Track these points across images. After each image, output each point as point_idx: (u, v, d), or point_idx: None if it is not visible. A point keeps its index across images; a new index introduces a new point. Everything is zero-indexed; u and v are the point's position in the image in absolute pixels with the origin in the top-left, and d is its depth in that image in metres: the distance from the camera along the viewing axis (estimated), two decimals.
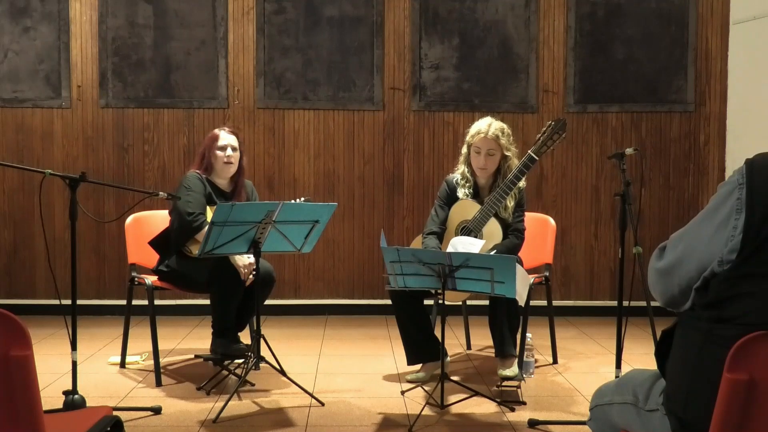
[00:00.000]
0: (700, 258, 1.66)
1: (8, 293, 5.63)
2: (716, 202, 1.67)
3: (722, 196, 1.66)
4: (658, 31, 5.77)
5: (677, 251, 1.72)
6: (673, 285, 1.73)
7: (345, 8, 5.69)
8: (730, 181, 1.66)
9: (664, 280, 1.75)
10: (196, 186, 3.98)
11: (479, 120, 4.00)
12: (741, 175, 1.63)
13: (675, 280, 1.72)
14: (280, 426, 3.31)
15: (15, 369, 1.64)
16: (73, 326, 3.25)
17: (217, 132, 4.11)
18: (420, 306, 3.92)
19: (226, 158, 4.04)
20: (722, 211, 1.64)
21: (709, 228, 1.66)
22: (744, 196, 1.60)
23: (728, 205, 1.63)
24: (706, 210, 1.70)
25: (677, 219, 5.77)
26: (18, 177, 5.60)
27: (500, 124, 3.96)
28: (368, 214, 5.78)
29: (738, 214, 1.60)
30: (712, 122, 5.81)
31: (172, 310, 5.51)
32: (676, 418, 1.72)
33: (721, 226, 1.63)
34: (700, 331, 1.66)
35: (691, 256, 1.68)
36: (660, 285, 1.77)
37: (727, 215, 1.62)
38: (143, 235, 4.15)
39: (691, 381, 1.67)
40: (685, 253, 1.70)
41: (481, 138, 3.88)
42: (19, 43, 5.59)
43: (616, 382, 2.06)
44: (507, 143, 3.93)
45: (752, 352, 1.51)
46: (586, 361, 4.49)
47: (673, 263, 1.73)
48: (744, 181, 1.62)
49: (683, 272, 1.70)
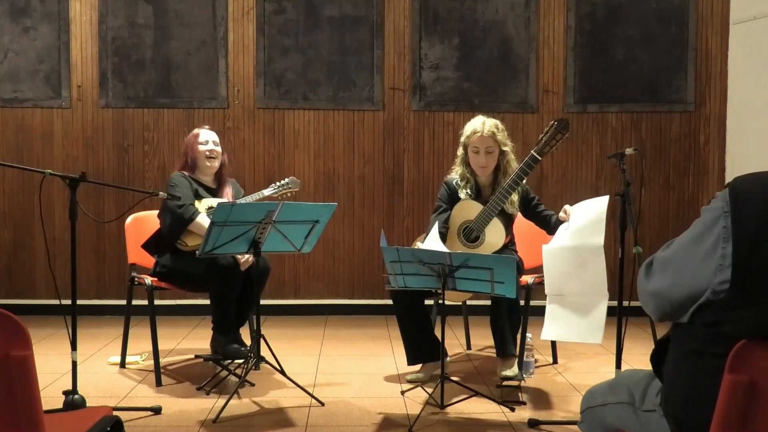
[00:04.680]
0: (689, 285, 1.65)
1: (8, 293, 5.63)
2: (701, 228, 1.65)
3: (708, 222, 1.64)
4: (658, 31, 5.77)
5: (666, 276, 1.72)
6: (665, 305, 1.73)
7: (345, 8, 5.69)
8: (714, 207, 1.64)
9: (654, 300, 1.75)
10: (181, 183, 4.07)
11: (471, 120, 4.01)
12: (725, 203, 1.61)
13: (666, 302, 1.72)
14: (280, 426, 3.31)
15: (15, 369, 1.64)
16: (73, 326, 3.25)
17: (197, 130, 4.22)
18: (421, 306, 3.92)
19: (208, 152, 4.14)
20: (708, 239, 1.62)
21: (696, 255, 1.64)
22: (730, 224, 1.58)
23: (714, 233, 1.61)
24: (692, 235, 1.68)
25: (677, 219, 5.78)
26: (18, 177, 5.60)
27: (493, 120, 3.97)
28: (368, 214, 5.78)
29: (725, 242, 1.58)
30: (712, 122, 5.81)
31: (172, 310, 5.51)
32: (674, 420, 1.72)
33: (708, 254, 1.61)
34: (697, 339, 1.66)
35: (680, 283, 1.67)
36: (651, 304, 1.77)
37: (714, 243, 1.60)
38: (143, 235, 4.15)
39: (690, 385, 1.67)
40: (674, 280, 1.69)
41: (478, 137, 3.89)
42: (19, 43, 5.59)
43: (608, 383, 2.06)
44: (503, 138, 3.94)
45: (753, 353, 1.51)
46: (586, 361, 4.49)
47: (663, 288, 1.72)
48: (729, 209, 1.59)
49: (674, 297, 1.69)
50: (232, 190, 4.23)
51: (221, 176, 4.21)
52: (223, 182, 4.21)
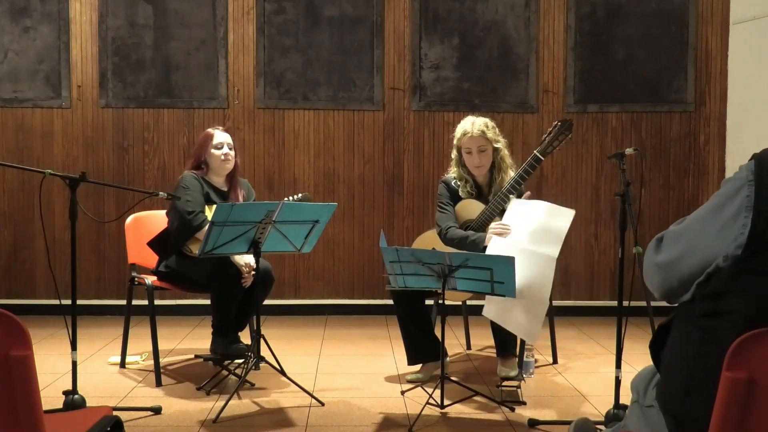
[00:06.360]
0: (703, 255, 1.61)
1: (8, 293, 5.63)
2: (722, 198, 1.61)
3: (729, 192, 1.60)
4: (658, 31, 5.77)
5: (678, 247, 1.67)
6: (673, 278, 1.68)
7: (345, 8, 5.69)
8: (737, 177, 1.60)
9: (662, 273, 1.71)
10: (193, 186, 3.99)
11: (461, 122, 4.01)
12: (750, 171, 1.57)
13: (675, 274, 1.67)
14: (280, 426, 3.31)
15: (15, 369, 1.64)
16: (73, 326, 3.25)
17: (211, 131, 4.12)
18: (421, 306, 3.93)
19: (223, 156, 4.05)
20: (729, 208, 1.58)
21: (714, 225, 1.60)
22: (753, 193, 1.54)
23: (737, 202, 1.57)
24: (710, 206, 1.64)
25: (677, 219, 5.74)
26: (18, 177, 5.60)
27: (483, 119, 3.98)
28: (368, 214, 5.78)
29: (748, 212, 1.54)
30: (712, 122, 5.81)
31: (172, 310, 5.51)
32: (672, 415, 1.69)
33: (728, 223, 1.57)
34: (698, 325, 1.63)
35: (694, 252, 1.63)
36: (658, 277, 1.72)
37: (736, 212, 1.56)
38: (143, 235, 4.15)
39: (690, 377, 1.64)
40: (687, 250, 1.65)
41: (469, 137, 3.90)
42: (19, 43, 5.59)
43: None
44: (494, 136, 3.94)
45: (751, 350, 1.50)
46: (586, 361, 4.49)
47: (674, 259, 1.68)
48: (753, 178, 1.56)
49: (684, 267, 1.65)
50: (243, 191, 4.17)
51: (234, 178, 4.14)
52: (235, 184, 4.13)
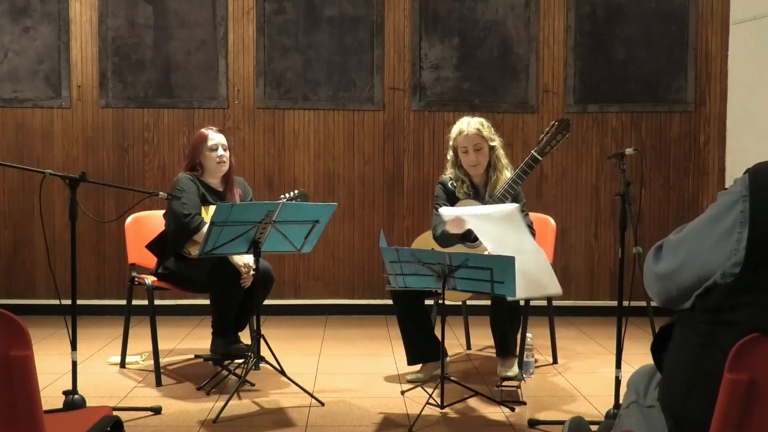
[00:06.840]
0: (700, 267, 1.63)
1: (8, 293, 5.63)
2: (717, 211, 1.63)
3: (724, 206, 1.62)
4: (658, 31, 5.77)
5: (677, 258, 1.70)
6: (671, 288, 1.71)
7: (345, 8, 5.69)
8: (732, 191, 1.62)
9: (661, 283, 1.73)
10: (189, 187, 3.98)
11: (456, 122, 4.02)
12: (744, 186, 1.59)
13: (673, 284, 1.70)
14: (280, 426, 3.31)
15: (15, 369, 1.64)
16: (73, 326, 3.25)
17: (205, 132, 4.09)
18: (421, 306, 3.93)
19: (218, 158, 4.04)
20: (724, 222, 1.60)
21: (710, 238, 1.63)
22: (747, 209, 1.56)
23: (731, 217, 1.59)
24: (707, 218, 1.66)
25: (677, 219, 5.77)
26: (18, 177, 5.60)
27: (478, 119, 4.00)
28: (368, 214, 5.78)
29: (742, 227, 1.56)
30: (712, 122, 5.81)
31: (172, 310, 5.51)
32: (673, 415, 1.70)
33: (723, 237, 1.59)
34: (699, 330, 1.65)
35: (691, 264, 1.65)
36: (657, 286, 1.75)
37: (730, 227, 1.59)
38: (143, 235, 4.15)
39: (691, 378, 1.66)
40: (685, 261, 1.67)
41: (465, 136, 3.91)
42: (19, 43, 5.59)
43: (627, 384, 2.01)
44: (490, 134, 3.95)
45: (753, 352, 1.50)
46: (586, 361, 4.49)
47: (672, 270, 1.70)
48: (747, 193, 1.57)
49: (682, 279, 1.67)
50: (239, 190, 4.17)
51: (229, 178, 4.13)
52: (231, 184, 4.12)
